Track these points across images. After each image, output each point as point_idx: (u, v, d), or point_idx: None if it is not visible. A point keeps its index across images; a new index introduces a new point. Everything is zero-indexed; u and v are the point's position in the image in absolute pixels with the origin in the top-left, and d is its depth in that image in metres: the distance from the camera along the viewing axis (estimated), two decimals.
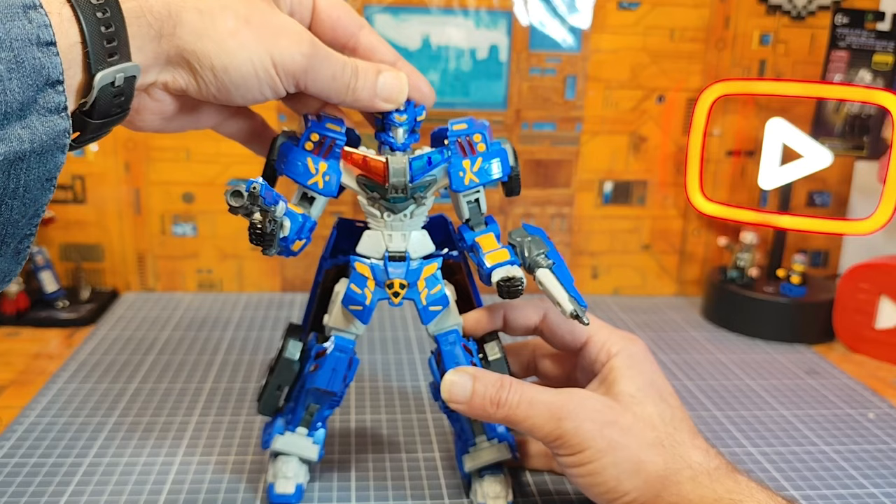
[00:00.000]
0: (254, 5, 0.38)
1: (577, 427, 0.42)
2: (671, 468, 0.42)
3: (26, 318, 0.79)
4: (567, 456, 0.43)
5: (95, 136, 0.37)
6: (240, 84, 0.38)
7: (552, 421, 0.42)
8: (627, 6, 0.88)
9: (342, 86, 0.42)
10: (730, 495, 0.41)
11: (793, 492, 0.53)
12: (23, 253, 0.35)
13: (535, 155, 0.91)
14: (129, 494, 0.50)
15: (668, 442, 0.43)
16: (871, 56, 0.83)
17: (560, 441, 0.42)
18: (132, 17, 0.35)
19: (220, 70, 0.38)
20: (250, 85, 0.39)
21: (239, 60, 0.38)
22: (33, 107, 0.31)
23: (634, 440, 0.42)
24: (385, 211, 0.44)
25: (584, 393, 0.45)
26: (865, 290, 0.79)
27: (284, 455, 0.49)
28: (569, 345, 0.49)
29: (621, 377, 0.45)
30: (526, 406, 0.43)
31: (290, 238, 0.42)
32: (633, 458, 0.42)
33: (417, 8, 0.86)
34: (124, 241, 0.89)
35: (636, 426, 0.43)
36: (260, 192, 0.35)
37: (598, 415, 0.43)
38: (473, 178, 0.44)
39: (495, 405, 0.43)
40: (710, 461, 0.43)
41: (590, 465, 0.42)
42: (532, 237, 0.46)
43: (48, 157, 0.33)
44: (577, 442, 0.42)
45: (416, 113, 0.44)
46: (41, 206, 0.34)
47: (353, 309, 0.45)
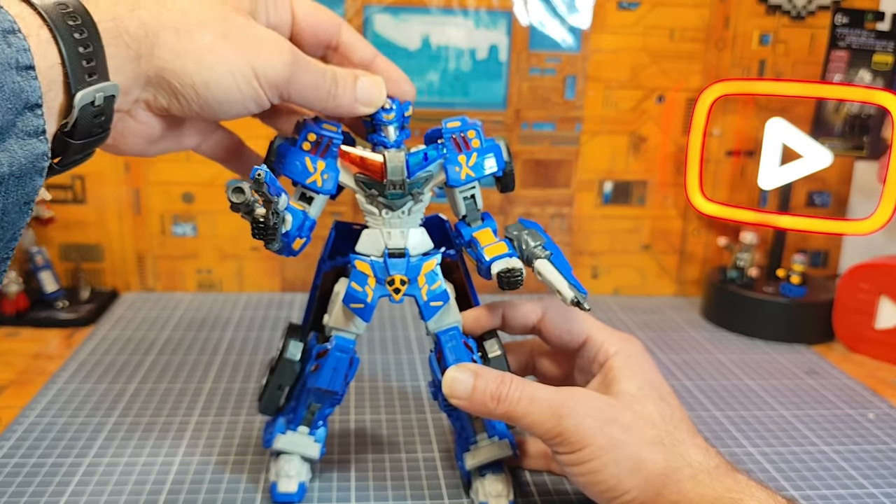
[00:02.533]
0: (231, 20, 0.38)
1: (577, 424, 0.42)
2: (671, 466, 0.42)
3: (26, 318, 0.79)
4: (567, 454, 0.43)
5: (78, 159, 0.37)
6: (223, 99, 0.38)
7: (553, 418, 0.42)
8: (627, 6, 0.88)
9: (324, 93, 0.42)
10: (730, 494, 0.40)
11: (793, 492, 0.53)
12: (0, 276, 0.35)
13: (534, 155, 0.91)
14: (129, 494, 0.50)
15: (669, 440, 0.43)
16: (871, 56, 0.83)
17: (560, 438, 0.42)
18: (109, 37, 0.35)
19: (201, 87, 0.37)
20: (233, 99, 0.39)
21: (219, 75, 0.38)
22: (12, 130, 0.31)
23: (635, 438, 0.42)
24: (383, 208, 0.45)
25: (585, 391, 0.45)
26: (865, 290, 0.79)
27: (286, 454, 0.50)
28: (567, 344, 0.49)
29: (620, 376, 0.45)
30: (527, 402, 0.43)
31: (291, 234, 0.42)
32: (634, 457, 0.42)
33: (417, 8, 0.86)
34: (124, 242, 0.89)
35: (636, 424, 0.43)
36: (265, 179, 0.35)
37: (599, 412, 0.43)
38: (469, 172, 0.45)
39: (496, 401, 0.43)
40: (710, 460, 0.43)
41: (590, 464, 0.42)
42: (528, 230, 0.46)
43: (26, 181, 0.33)
44: (578, 439, 0.42)
45: (403, 109, 0.45)
46: (18, 230, 0.34)
47: (354, 307, 0.45)
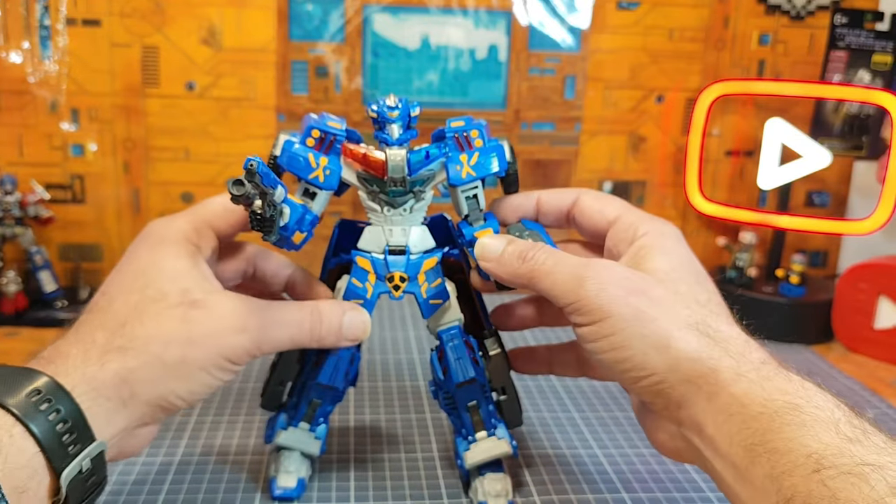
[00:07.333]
0: (189, 320, 0.40)
1: (599, 291, 0.38)
2: (707, 354, 0.36)
3: (25, 317, 0.79)
4: (587, 325, 0.38)
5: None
6: (203, 392, 0.41)
7: (574, 279, 0.38)
8: (627, 6, 0.88)
9: (307, 333, 0.44)
10: (784, 396, 0.33)
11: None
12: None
13: (534, 155, 0.91)
14: (129, 495, 0.50)
15: (704, 326, 0.37)
16: (870, 56, 0.83)
17: (579, 304, 0.38)
18: (88, 401, 0.37)
19: (186, 395, 0.41)
20: (214, 384, 0.41)
21: (196, 378, 0.40)
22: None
23: (665, 314, 0.37)
24: (385, 205, 0.45)
25: (614, 262, 0.41)
26: (864, 290, 0.80)
27: (287, 450, 0.50)
28: (598, 225, 0.45)
29: (651, 255, 0.41)
30: (552, 263, 0.40)
31: (290, 227, 0.42)
32: (663, 333, 0.36)
33: (417, 8, 0.86)
34: (123, 241, 0.89)
35: (668, 301, 0.38)
36: (257, 170, 0.35)
37: (625, 281, 0.38)
38: (471, 171, 0.45)
39: (522, 259, 0.41)
40: (755, 352, 0.37)
41: (612, 338, 0.37)
42: (530, 231, 0.46)
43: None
44: (598, 307, 0.37)
45: (409, 108, 0.45)
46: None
47: (354, 303, 0.46)
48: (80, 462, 0.36)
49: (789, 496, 0.30)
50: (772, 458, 0.31)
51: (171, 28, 0.85)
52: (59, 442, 0.35)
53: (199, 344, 0.40)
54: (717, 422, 0.35)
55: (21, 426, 0.34)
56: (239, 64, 0.87)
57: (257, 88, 0.88)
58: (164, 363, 0.39)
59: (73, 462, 0.35)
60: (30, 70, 0.85)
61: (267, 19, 0.87)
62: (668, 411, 0.38)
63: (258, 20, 0.86)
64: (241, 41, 0.87)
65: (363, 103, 0.88)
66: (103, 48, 0.85)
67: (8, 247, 0.82)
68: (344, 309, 0.45)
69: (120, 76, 0.86)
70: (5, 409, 0.34)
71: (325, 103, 0.87)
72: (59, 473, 0.35)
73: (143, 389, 0.39)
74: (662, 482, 0.52)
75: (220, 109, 0.88)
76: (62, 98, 0.86)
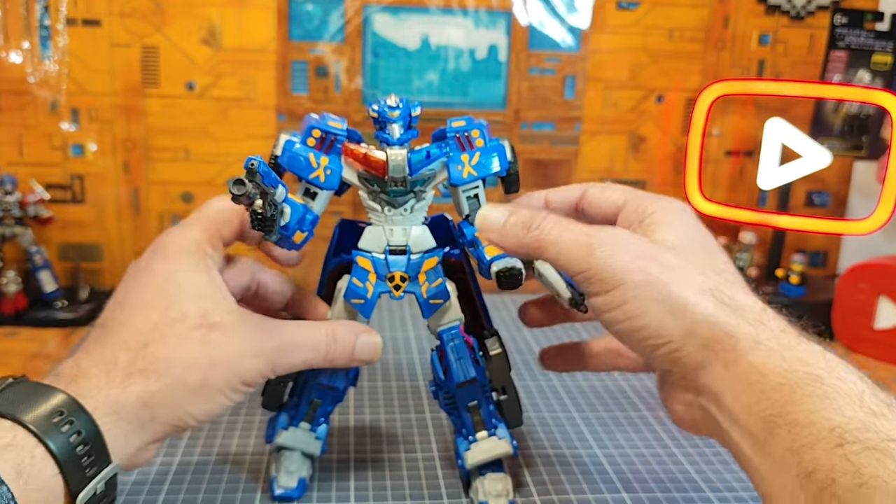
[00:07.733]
0: (209, 343, 0.40)
1: (609, 257, 0.37)
2: (724, 320, 0.35)
3: (25, 317, 0.79)
4: (600, 295, 0.37)
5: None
6: (218, 411, 0.42)
7: (583, 248, 0.37)
8: (626, 6, 0.88)
9: (321, 356, 0.44)
10: (805, 368, 0.32)
11: None
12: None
13: (534, 155, 0.91)
14: (129, 494, 0.50)
15: (719, 293, 0.36)
16: (870, 56, 0.83)
17: (590, 272, 0.37)
18: (109, 423, 0.37)
19: (201, 417, 0.41)
20: (228, 404, 0.42)
21: (214, 399, 0.41)
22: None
23: (678, 279, 0.36)
24: (386, 205, 0.45)
25: (621, 229, 0.40)
26: (864, 290, 0.79)
27: (287, 450, 0.50)
28: (607, 211, 0.44)
29: (660, 228, 0.40)
30: (558, 231, 0.39)
31: (290, 227, 0.42)
32: (678, 297, 0.35)
33: (417, 8, 0.86)
34: (123, 241, 0.89)
35: (680, 266, 0.37)
36: (258, 169, 0.35)
37: (635, 247, 0.37)
38: (471, 171, 0.45)
39: (527, 228, 0.40)
40: (773, 321, 0.35)
41: (626, 306, 0.36)
42: None
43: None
44: (610, 275, 0.36)
45: (409, 108, 0.45)
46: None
47: (354, 303, 0.46)
48: (96, 485, 0.36)
49: (811, 469, 0.29)
50: (792, 430, 0.30)
51: (171, 28, 0.85)
52: (77, 464, 0.35)
53: (219, 367, 0.40)
54: (736, 391, 0.34)
55: (42, 447, 0.34)
56: (239, 64, 0.87)
57: (257, 88, 0.88)
58: (186, 386, 0.39)
59: (89, 485, 0.36)
60: (30, 70, 0.85)
61: (267, 19, 0.87)
62: (686, 380, 0.37)
63: (258, 20, 0.86)
64: (241, 41, 0.87)
65: (363, 103, 0.88)
66: (103, 48, 0.85)
67: (8, 247, 0.82)
68: (357, 332, 0.45)
69: (120, 76, 0.86)
70: (26, 428, 0.34)
71: (325, 103, 0.87)
72: (74, 496, 0.35)
73: (163, 412, 0.39)
74: (662, 482, 0.52)
75: (220, 109, 0.88)
76: (62, 98, 0.86)
